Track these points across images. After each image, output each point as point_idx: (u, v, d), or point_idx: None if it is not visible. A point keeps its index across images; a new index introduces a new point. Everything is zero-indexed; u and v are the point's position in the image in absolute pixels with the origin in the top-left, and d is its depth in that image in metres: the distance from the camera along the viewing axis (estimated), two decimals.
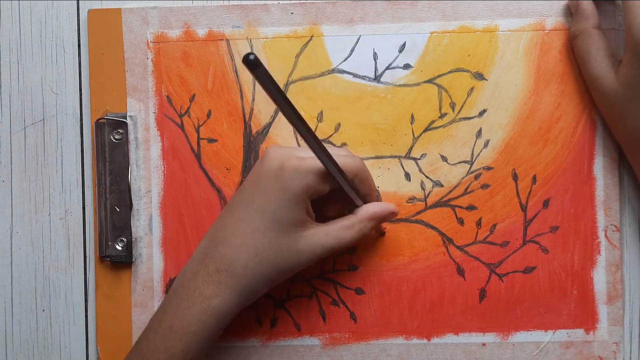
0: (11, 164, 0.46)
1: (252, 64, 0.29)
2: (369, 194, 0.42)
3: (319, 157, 0.36)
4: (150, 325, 0.39)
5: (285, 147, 0.41)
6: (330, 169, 0.37)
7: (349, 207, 0.41)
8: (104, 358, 0.45)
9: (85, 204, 0.46)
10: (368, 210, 0.41)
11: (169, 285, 0.45)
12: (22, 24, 0.46)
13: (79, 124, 0.46)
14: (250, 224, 0.38)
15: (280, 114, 0.45)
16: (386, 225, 0.44)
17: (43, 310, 0.46)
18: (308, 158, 0.38)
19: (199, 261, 0.39)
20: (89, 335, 0.45)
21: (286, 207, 0.37)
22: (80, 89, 0.46)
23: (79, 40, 0.46)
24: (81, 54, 0.46)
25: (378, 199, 0.44)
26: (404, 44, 0.45)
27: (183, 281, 0.39)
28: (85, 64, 0.46)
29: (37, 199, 0.46)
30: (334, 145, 0.44)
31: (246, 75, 0.45)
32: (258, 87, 0.45)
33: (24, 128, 0.46)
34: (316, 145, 0.35)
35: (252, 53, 0.29)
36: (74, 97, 0.46)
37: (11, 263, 0.46)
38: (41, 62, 0.46)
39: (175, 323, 0.38)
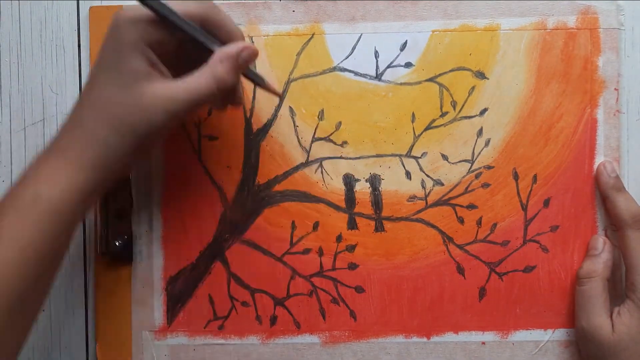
0: (11, 164, 0.46)
1: None
2: (229, 39, 0.38)
3: (141, 2, 0.35)
4: None
5: (129, 5, 0.37)
6: (160, 13, 0.35)
7: None
8: (102, 355, 0.45)
9: None
10: (220, 51, 0.37)
11: (169, 283, 0.45)
12: (22, 24, 0.46)
13: None
14: (95, 81, 0.36)
15: (281, 112, 0.45)
16: (387, 224, 0.44)
17: (43, 310, 0.46)
18: (144, 8, 0.36)
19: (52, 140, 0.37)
20: (89, 335, 0.45)
21: (124, 57, 0.35)
22: (80, 89, 0.46)
23: (79, 40, 0.46)
24: (81, 54, 0.46)
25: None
26: (405, 43, 0.45)
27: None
28: (85, 64, 0.45)
29: None
30: (336, 143, 0.44)
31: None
32: None
33: (24, 128, 0.46)
34: None
35: None
36: (74, 97, 0.46)
37: None
38: (41, 62, 0.46)
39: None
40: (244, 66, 0.38)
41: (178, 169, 0.45)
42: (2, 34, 0.46)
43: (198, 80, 0.36)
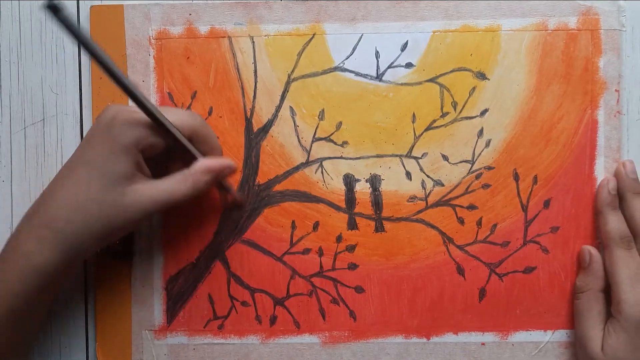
0: (11, 164, 0.46)
1: (55, 8, 0.29)
2: (209, 153, 0.41)
3: (143, 109, 0.35)
4: None
5: (123, 105, 0.40)
6: (158, 121, 0.36)
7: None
8: (102, 355, 0.45)
9: None
10: (202, 163, 0.39)
11: (169, 283, 0.45)
12: (22, 24, 0.46)
13: (79, 124, 0.46)
14: (75, 177, 0.37)
15: (281, 112, 0.45)
16: (387, 224, 0.44)
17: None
18: (141, 112, 0.37)
19: (26, 218, 0.38)
20: (89, 335, 0.45)
21: (114, 159, 0.37)
22: (80, 89, 0.46)
23: None
24: (81, 54, 0.46)
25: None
26: (406, 43, 0.44)
27: (8, 241, 0.38)
28: (85, 64, 0.45)
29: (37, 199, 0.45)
30: (336, 143, 0.44)
31: (248, 73, 0.45)
32: (260, 84, 0.45)
33: (24, 128, 0.46)
34: (139, 96, 0.35)
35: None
36: (74, 97, 0.46)
37: None
38: (41, 62, 0.46)
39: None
40: (222, 179, 0.42)
41: None
42: (2, 34, 0.46)
43: (178, 185, 0.39)
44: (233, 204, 0.45)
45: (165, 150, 0.39)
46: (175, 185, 0.39)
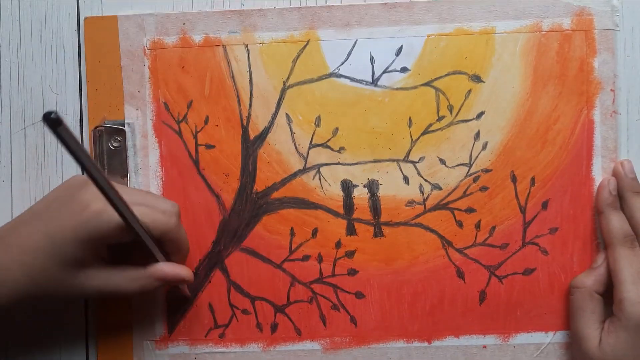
0: (11, 164, 0.46)
1: (54, 122, 0.27)
2: (174, 255, 0.41)
3: (117, 211, 0.35)
4: None
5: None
6: (128, 224, 0.36)
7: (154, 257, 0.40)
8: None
9: None
10: (158, 268, 0.40)
11: (169, 292, 0.45)
12: (22, 24, 0.46)
13: (79, 124, 0.46)
14: (36, 243, 0.37)
15: (277, 120, 0.45)
16: (385, 229, 0.44)
17: (43, 310, 0.45)
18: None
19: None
20: (89, 335, 0.45)
21: (76, 245, 0.37)
22: (81, 89, 0.45)
23: (79, 40, 0.45)
24: (81, 54, 0.46)
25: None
26: (401, 47, 0.44)
27: None
28: (85, 64, 0.45)
29: (37, 199, 0.45)
30: (333, 149, 0.44)
31: (243, 81, 0.45)
32: (255, 92, 0.45)
33: (24, 128, 0.46)
34: (117, 199, 0.34)
35: (53, 111, 0.27)
36: (74, 97, 0.46)
37: None
38: (41, 62, 0.46)
39: None
40: (176, 286, 0.43)
41: (176, 178, 0.45)
42: (2, 34, 0.46)
43: (127, 283, 0.39)
44: (182, 294, 0.45)
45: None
46: (124, 281, 0.39)
